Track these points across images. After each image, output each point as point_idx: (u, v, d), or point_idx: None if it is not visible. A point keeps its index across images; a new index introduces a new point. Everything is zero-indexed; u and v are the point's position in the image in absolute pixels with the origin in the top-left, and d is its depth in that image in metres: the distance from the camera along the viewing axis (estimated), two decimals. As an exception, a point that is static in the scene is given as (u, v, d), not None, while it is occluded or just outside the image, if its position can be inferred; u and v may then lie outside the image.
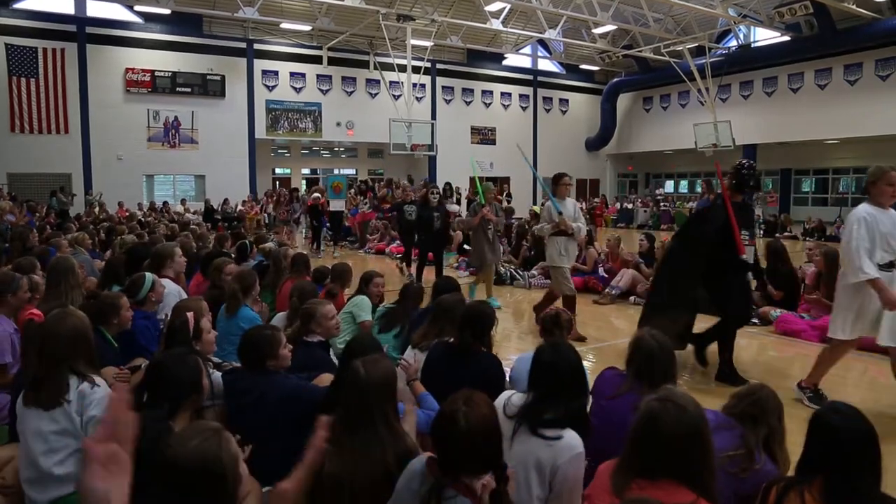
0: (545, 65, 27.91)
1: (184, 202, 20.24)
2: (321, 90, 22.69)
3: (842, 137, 21.26)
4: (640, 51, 23.10)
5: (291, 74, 22.20)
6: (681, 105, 26.00)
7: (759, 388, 2.45)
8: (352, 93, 23.25)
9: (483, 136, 26.27)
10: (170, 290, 4.36)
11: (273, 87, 21.95)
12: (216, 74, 20.71)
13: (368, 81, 23.31)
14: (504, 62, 26.51)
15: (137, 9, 19.06)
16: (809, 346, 6.00)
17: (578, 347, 3.28)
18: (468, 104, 25.81)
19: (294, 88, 22.29)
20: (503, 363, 3.32)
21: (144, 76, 19.68)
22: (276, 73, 21.96)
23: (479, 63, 25.64)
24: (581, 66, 27.43)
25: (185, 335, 2.97)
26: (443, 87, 25.00)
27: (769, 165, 24.47)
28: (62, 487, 2.39)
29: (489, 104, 26.35)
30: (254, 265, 6.05)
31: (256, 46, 21.45)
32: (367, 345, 2.78)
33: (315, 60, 21.92)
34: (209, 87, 20.64)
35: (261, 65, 21.62)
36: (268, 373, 2.78)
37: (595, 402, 2.64)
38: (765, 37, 21.99)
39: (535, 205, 23.05)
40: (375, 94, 23.39)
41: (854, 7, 17.46)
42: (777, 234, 17.45)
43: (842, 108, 20.38)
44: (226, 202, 19.96)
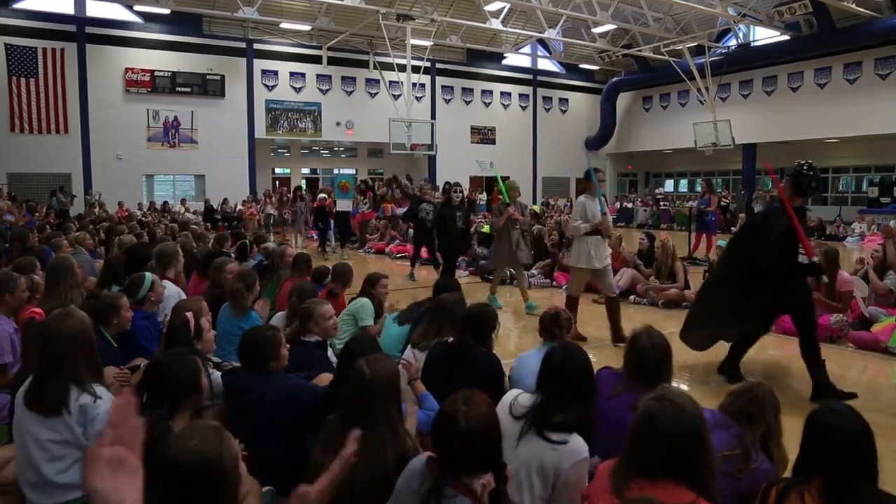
0: (545, 64, 27.90)
1: (184, 202, 20.24)
2: (321, 90, 22.69)
3: (841, 136, 21.26)
4: (640, 50, 23.10)
5: (291, 74, 22.20)
6: (680, 104, 25.99)
7: (756, 386, 2.44)
8: (351, 92, 23.25)
9: (483, 136, 26.26)
10: (170, 292, 4.36)
11: (273, 87, 21.94)
12: (216, 74, 20.71)
13: (368, 81, 23.30)
14: (504, 62, 26.51)
15: (137, 9, 19.06)
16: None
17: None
18: (468, 104, 25.80)
19: (294, 88, 22.29)
20: (503, 363, 3.32)
21: (144, 76, 19.68)
22: (276, 73, 21.96)
23: (479, 63, 25.63)
24: (581, 66, 27.42)
25: (186, 335, 2.97)
26: (442, 87, 24.99)
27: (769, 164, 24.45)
28: (67, 493, 2.38)
29: (489, 104, 26.35)
30: (254, 265, 6.04)
31: (256, 46, 21.44)
32: (367, 345, 2.79)
33: (315, 60, 21.91)
34: (209, 87, 20.64)
35: (260, 64, 21.62)
36: (268, 373, 2.78)
37: (594, 402, 2.64)
38: (764, 36, 21.99)
39: (535, 205, 23.07)
40: (375, 94, 23.38)
41: (853, 6, 17.46)
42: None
43: (841, 107, 20.37)
44: (225, 202, 19.96)
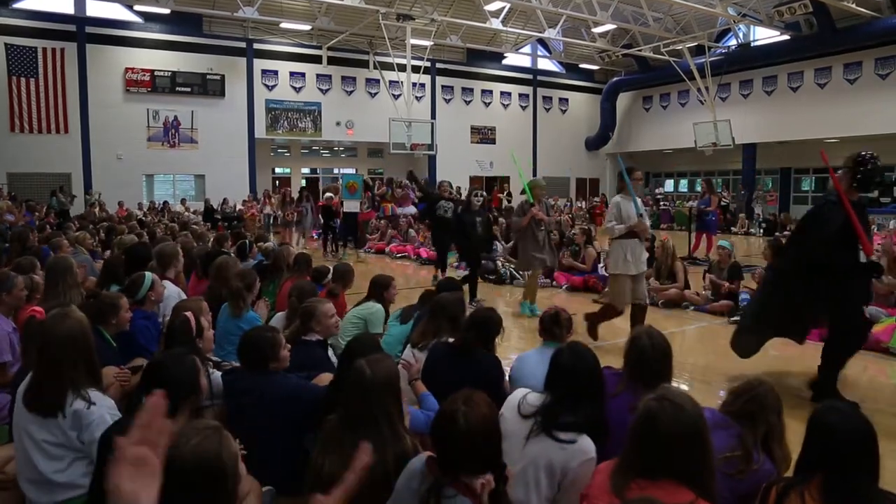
0: (545, 64, 27.89)
1: (184, 202, 20.24)
2: (321, 90, 22.68)
3: (841, 136, 21.22)
4: (640, 50, 23.09)
5: (291, 74, 22.19)
6: (680, 104, 25.99)
7: (758, 384, 2.42)
8: (351, 92, 23.25)
9: (483, 136, 26.26)
10: (170, 292, 4.35)
11: (273, 87, 21.94)
12: (216, 74, 20.70)
13: (368, 81, 23.29)
14: (504, 61, 26.49)
15: (137, 8, 19.05)
16: (809, 345, 6.00)
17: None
18: (468, 103, 25.80)
19: (294, 88, 22.28)
20: (503, 363, 3.32)
21: (144, 76, 19.67)
22: (276, 73, 21.95)
23: (479, 62, 25.62)
24: (581, 66, 27.41)
25: (187, 335, 2.97)
26: (442, 87, 24.98)
27: (768, 164, 24.47)
28: (66, 491, 2.38)
29: (489, 103, 26.34)
30: (254, 265, 6.04)
31: (256, 46, 21.43)
32: (367, 345, 2.78)
33: (315, 60, 21.90)
34: (209, 87, 20.63)
35: (260, 64, 21.60)
36: (268, 373, 2.78)
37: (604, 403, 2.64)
38: (764, 36, 21.98)
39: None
40: (375, 94, 23.38)
41: (853, 6, 17.45)
42: (777, 234, 17.44)
43: (841, 107, 20.37)
44: (225, 202, 19.95)
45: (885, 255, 6.44)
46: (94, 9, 18.94)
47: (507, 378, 3.33)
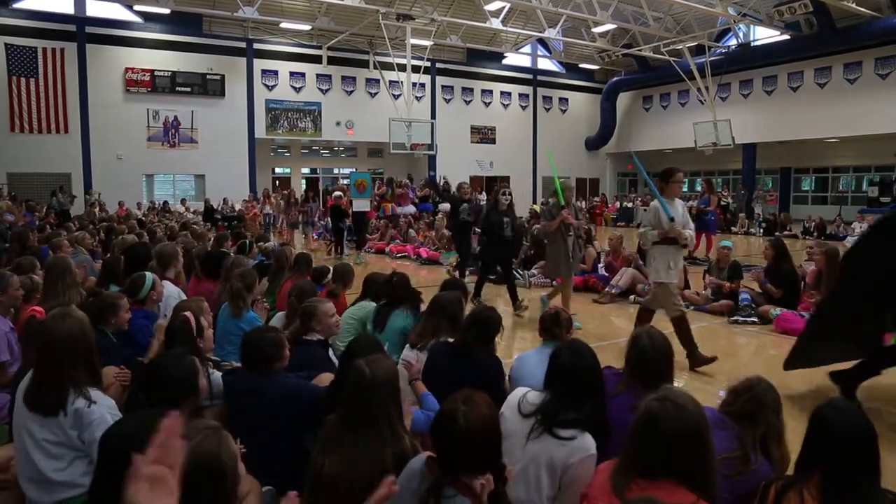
0: (545, 64, 27.89)
1: (184, 202, 20.22)
2: (321, 90, 22.68)
3: (841, 136, 21.25)
4: (640, 50, 23.09)
5: (291, 74, 22.19)
6: (680, 104, 25.99)
7: (757, 383, 2.41)
8: (351, 92, 23.24)
9: (483, 136, 26.25)
10: (170, 292, 4.36)
11: (273, 87, 21.93)
12: (216, 74, 20.69)
13: (368, 81, 23.29)
14: (504, 61, 26.49)
15: (137, 8, 19.05)
16: (809, 345, 6.00)
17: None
18: (468, 103, 25.79)
19: (294, 88, 22.28)
20: (504, 362, 3.32)
21: (144, 76, 19.66)
22: (276, 73, 21.94)
23: (479, 62, 25.62)
24: (581, 66, 27.41)
25: (187, 335, 2.96)
26: (442, 87, 24.98)
27: (769, 164, 24.48)
28: (66, 491, 2.38)
29: (489, 103, 26.34)
30: (254, 265, 6.04)
31: (256, 46, 21.43)
32: (367, 345, 2.78)
33: (315, 60, 21.90)
34: (209, 87, 20.63)
35: (260, 64, 21.60)
36: (268, 372, 2.78)
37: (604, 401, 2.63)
38: (764, 35, 21.98)
39: (535, 204, 23.07)
40: (375, 94, 23.37)
41: (853, 6, 17.44)
42: (777, 233, 17.46)
43: (841, 107, 20.37)
44: (225, 202, 19.92)
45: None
46: (94, 9, 18.94)
47: (508, 378, 3.33)
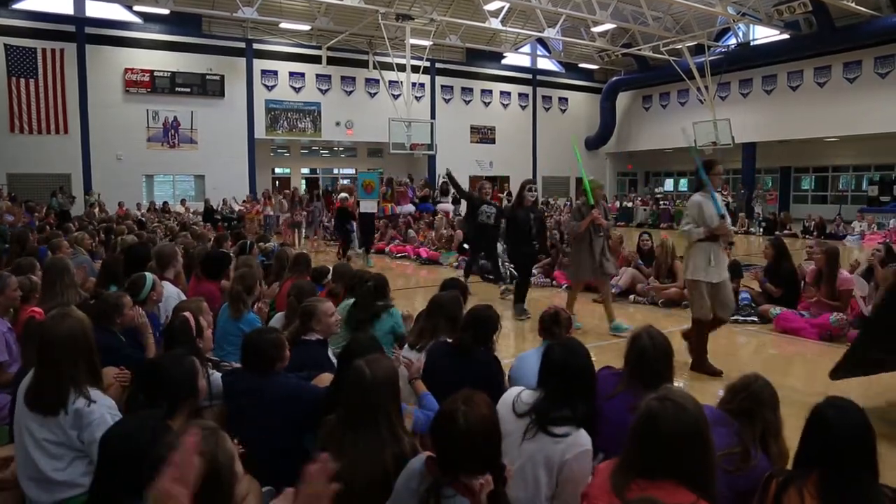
0: (544, 64, 27.89)
1: (183, 202, 20.21)
2: (320, 90, 22.68)
3: (841, 135, 21.25)
4: (640, 49, 23.08)
5: (291, 74, 22.19)
6: (680, 103, 25.99)
7: (754, 381, 2.42)
8: (351, 92, 23.24)
9: (482, 136, 26.26)
10: (169, 292, 4.35)
11: (272, 87, 21.93)
12: (215, 74, 20.69)
13: (368, 81, 23.29)
14: (503, 61, 26.49)
15: (136, 9, 19.05)
16: (809, 344, 6.01)
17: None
18: (467, 103, 25.80)
19: (293, 88, 22.28)
20: (503, 362, 3.32)
21: (143, 76, 19.66)
22: (276, 73, 21.95)
23: (479, 62, 25.62)
24: (580, 65, 27.40)
25: (186, 335, 2.96)
26: (442, 87, 24.98)
27: (768, 163, 24.48)
28: (66, 490, 2.39)
29: (488, 103, 26.34)
30: (253, 265, 6.03)
31: (255, 46, 21.43)
32: (367, 345, 2.78)
33: (314, 60, 21.90)
34: (208, 87, 20.63)
35: (260, 64, 21.60)
36: (268, 373, 2.78)
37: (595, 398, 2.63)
38: (764, 35, 21.98)
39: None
40: (375, 94, 23.38)
41: (853, 5, 17.44)
42: (777, 233, 17.45)
43: (841, 106, 20.37)
44: (224, 202, 19.90)
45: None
46: (94, 9, 18.94)
47: (507, 377, 3.33)
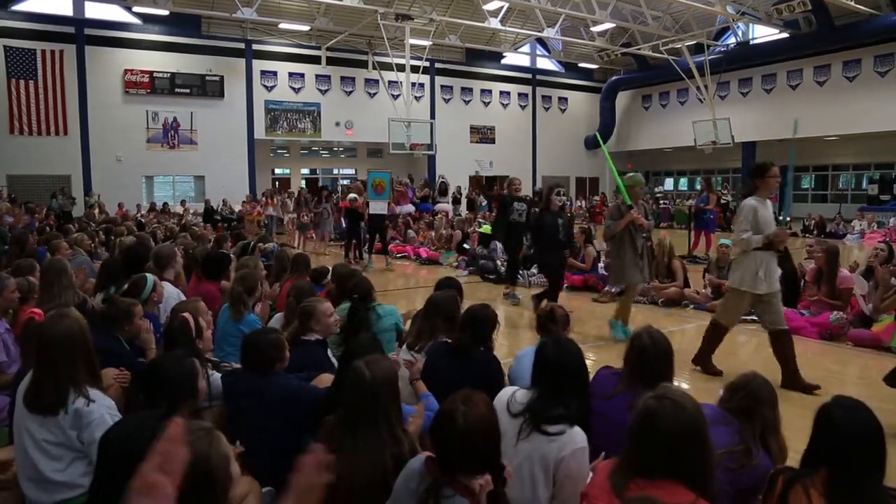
0: (544, 63, 27.88)
1: (183, 203, 20.21)
2: (320, 90, 22.67)
3: (841, 134, 21.25)
4: (639, 49, 23.08)
5: (290, 75, 22.18)
6: (680, 103, 25.99)
7: (752, 379, 2.43)
8: (351, 93, 23.24)
9: (482, 136, 26.25)
10: (169, 293, 4.36)
11: (272, 88, 21.93)
12: (215, 75, 20.68)
13: (367, 81, 23.28)
14: (503, 61, 26.48)
15: (136, 10, 19.03)
16: (809, 343, 6.01)
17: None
18: (467, 103, 25.79)
19: (293, 89, 22.28)
20: (503, 362, 3.31)
21: (143, 77, 19.66)
22: (275, 74, 21.94)
23: (478, 62, 25.61)
24: (580, 65, 27.39)
25: (187, 336, 2.96)
26: (441, 87, 24.98)
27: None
28: (65, 491, 2.39)
29: (488, 103, 26.33)
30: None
31: (255, 47, 21.42)
32: (367, 345, 2.78)
33: (314, 60, 21.89)
34: (208, 88, 20.62)
35: (259, 65, 21.59)
36: (268, 374, 2.78)
37: (592, 402, 2.63)
38: (763, 34, 21.98)
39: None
40: (374, 94, 23.37)
41: (852, 3, 17.42)
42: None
43: (840, 105, 20.37)
44: (224, 203, 19.87)
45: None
46: (93, 10, 18.94)
47: (507, 377, 3.33)
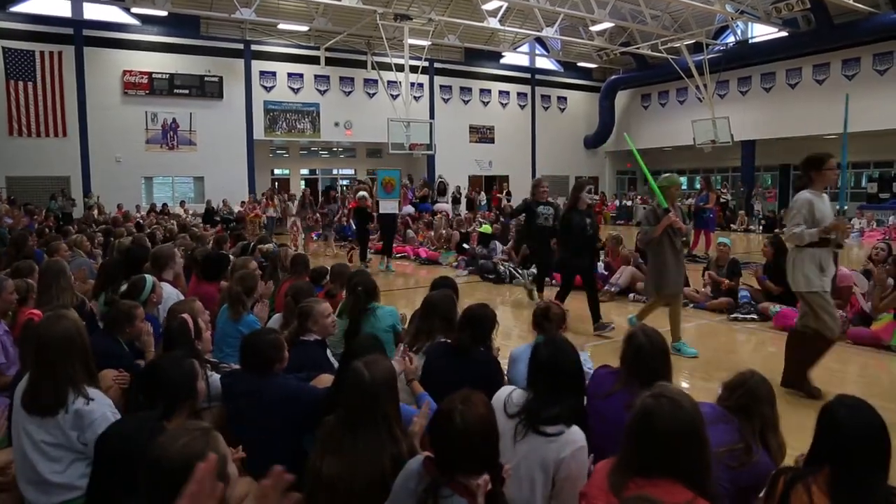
0: (543, 63, 27.87)
1: (183, 204, 20.22)
2: (319, 90, 22.67)
3: (840, 132, 21.21)
4: (638, 48, 23.07)
5: (289, 75, 22.18)
6: (679, 102, 25.98)
7: (750, 376, 2.43)
8: (350, 93, 23.24)
9: (481, 135, 26.25)
10: (168, 294, 4.35)
11: (271, 88, 21.92)
12: (214, 76, 20.68)
13: (366, 81, 23.28)
14: (502, 61, 26.47)
15: (134, 11, 19.00)
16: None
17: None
18: (466, 103, 25.79)
19: (292, 89, 22.27)
20: (503, 362, 3.31)
21: (142, 78, 19.65)
22: (274, 74, 21.94)
23: (477, 62, 25.61)
24: (579, 64, 27.38)
25: (185, 337, 2.96)
26: (441, 87, 24.97)
27: (767, 161, 24.47)
28: (64, 493, 2.38)
29: (487, 103, 26.33)
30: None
31: (254, 47, 21.42)
32: (368, 346, 2.78)
33: (312, 61, 21.89)
34: (207, 89, 20.61)
35: (258, 66, 21.59)
36: (266, 374, 2.78)
37: (589, 402, 2.63)
38: (762, 32, 21.97)
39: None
40: (373, 94, 23.37)
41: (851, 2, 17.42)
42: (776, 230, 17.45)
43: (840, 103, 20.25)
44: (224, 203, 19.88)
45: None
46: (92, 12, 18.94)
47: (506, 377, 3.32)
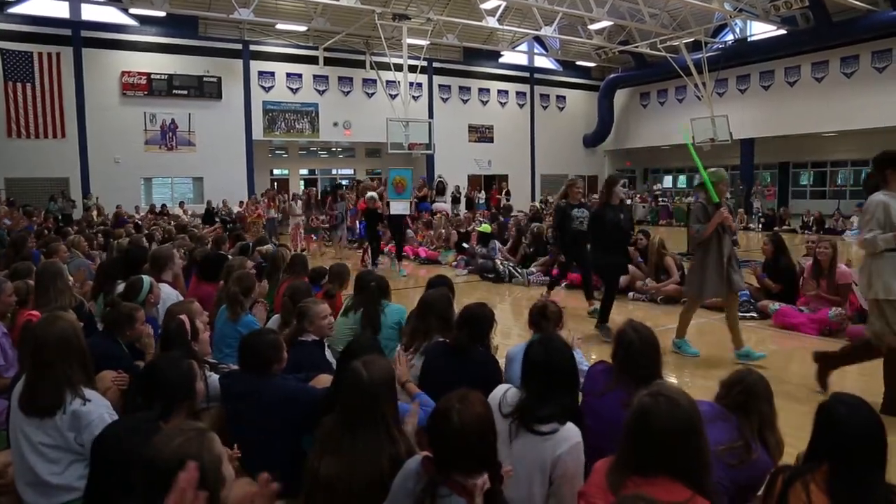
0: (541, 62, 27.86)
1: (182, 205, 20.20)
2: (318, 90, 22.66)
3: (839, 130, 21.25)
4: (637, 46, 23.05)
5: (288, 75, 22.17)
6: (678, 100, 25.98)
7: (747, 375, 2.43)
8: (348, 93, 23.23)
9: (481, 135, 26.24)
10: (168, 295, 4.35)
11: (269, 88, 21.91)
12: (212, 76, 20.66)
13: (365, 81, 23.27)
14: (500, 60, 26.46)
15: (132, 12, 18.99)
16: (808, 340, 6.02)
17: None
18: (465, 102, 25.78)
19: (290, 89, 22.26)
20: (502, 361, 3.30)
21: (140, 79, 19.64)
22: (273, 74, 21.93)
23: (476, 61, 25.60)
24: (577, 63, 27.36)
25: (183, 338, 2.96)
26: (440, 86, 24.97)
27: (767, 159, 24.48)
28: (64, 494, 2.38)
29: (486, 102, 26.32)
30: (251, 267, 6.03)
31: (252, 48, 21.41)
32: (367, 346, 2.78)
33: (311, 61, 21.87)
34: (205, 89, 20.61)
35: (257, 66, 21.58)
36: (265, 375, 2.77)
37: (584, 400, 2.63)
38: (761, 30, 21.97)
39: (534, 201, 23.06)
40: (372, 94, 23.36)
41: (850, -1, 17.45)
42: (776, 228, 17.47)
43: (838, 101, 20.37)
44: (224, 204, 19.85)
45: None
46: (90, 13, 18.93)
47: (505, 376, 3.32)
